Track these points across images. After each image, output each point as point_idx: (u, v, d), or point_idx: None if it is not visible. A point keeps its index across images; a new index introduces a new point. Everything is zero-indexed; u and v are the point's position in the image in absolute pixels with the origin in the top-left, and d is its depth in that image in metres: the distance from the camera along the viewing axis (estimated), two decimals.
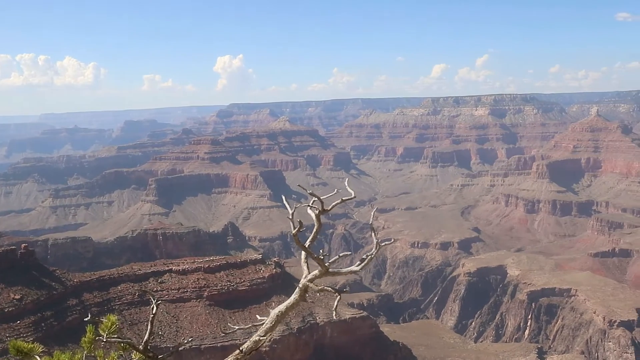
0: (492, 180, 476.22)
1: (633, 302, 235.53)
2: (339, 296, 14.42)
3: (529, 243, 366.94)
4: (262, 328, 13.71)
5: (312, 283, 13.98)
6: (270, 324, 13.64)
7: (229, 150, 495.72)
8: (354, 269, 14.41)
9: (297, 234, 14.06)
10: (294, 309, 13.76)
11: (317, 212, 14.50)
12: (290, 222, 14.20)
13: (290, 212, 14.34)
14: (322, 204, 14.61)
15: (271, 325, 13.63)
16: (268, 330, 13.61)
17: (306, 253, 14.22)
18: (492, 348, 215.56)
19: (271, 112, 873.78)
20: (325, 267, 14.08)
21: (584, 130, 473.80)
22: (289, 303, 13.85)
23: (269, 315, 13.72)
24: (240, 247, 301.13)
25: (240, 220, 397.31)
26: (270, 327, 13.65)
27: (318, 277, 14.09)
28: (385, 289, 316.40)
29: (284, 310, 13.70)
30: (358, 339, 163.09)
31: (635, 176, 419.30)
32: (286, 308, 13.74)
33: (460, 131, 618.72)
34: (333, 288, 14.26)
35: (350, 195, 15.36)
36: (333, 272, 14.27)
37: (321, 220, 14.39)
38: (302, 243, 14.03)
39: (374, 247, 14.88)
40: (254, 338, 13.49)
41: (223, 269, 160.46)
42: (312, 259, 14.15)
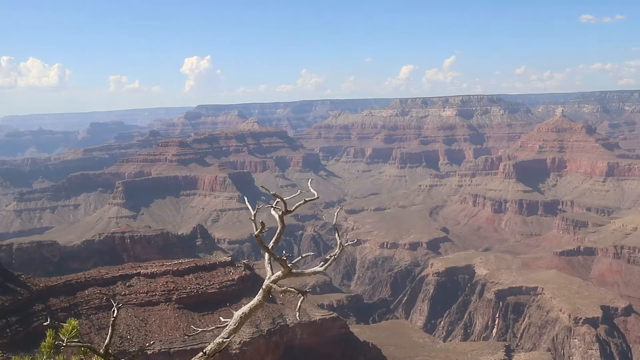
0: (460, 180, 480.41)
1: (597, 299, 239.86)
2: (302, 297, 14.44)
3: (497, 242, 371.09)
4: (226, 330, 13.68)
5: (275, 284, 13.99)
6: (234, 325, 13.60)
7: (197, 152, 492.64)
8: (318, 269, 14.47)
9: (260, 235, 14.05)
10: (257, 311, 13.75)
11: (280, 213, 14.53)
12: (253, 223, 14.19)
13: (253, 213, 14.32)
14: (285, 205, 14.64)
15: (235, 327, 13.60)
16: (231, 332, 13.58)
17: (269, 254, 14.22)
18: (461, 347, 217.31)
19: (240, 114, 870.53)
20: (288, 268, 14.11)
21: (550, 130, 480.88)
22: (252, 304, 13.84)
23: (232, 317, 13.68)
24: (209, 249, 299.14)
25: (209, 222, 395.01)
26: (233, 329, 13.61)
27: (281, 278, 14.10)
28: (354, 289, 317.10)
29: (248, 311, 13.68)
30: (328, 340, 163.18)
31: (599, 176, 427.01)
32: (249, 309, 13.73)
33: (428, 132, 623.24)
34: (296, 289, 14.29)
35: (313, 196, 15.41)
36: (296, 272, 14.30)
37: (285, 222, 14.41)
38: (265, 244, 14.04)
39: (338, 248, 14.96)
40: (217, 340, 13.46)
41: (192, 271, 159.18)
42: (275, 260, 14.16)
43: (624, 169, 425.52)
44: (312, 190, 15.60)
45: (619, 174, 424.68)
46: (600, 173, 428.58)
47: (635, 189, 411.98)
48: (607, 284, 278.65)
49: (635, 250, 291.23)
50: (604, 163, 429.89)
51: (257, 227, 14.19)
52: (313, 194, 15.48)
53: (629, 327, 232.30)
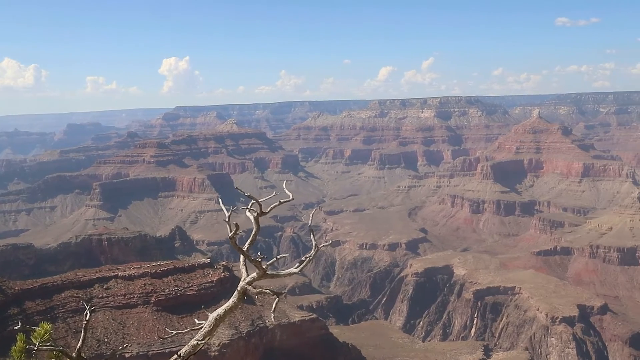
0: (438, 181, 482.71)
1: (574, 298, 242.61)
2: (277, 298, 14.39)
3: (475, 243, 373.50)
4: (201, 332, 13.59)
5: (250, 286, 13.93)
6: (209, 327, 13.53)
7: (176, 154, 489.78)
8: (293, 270, 14.45)
9: (234, 236, 13.99)
10: (232, 312, 13.68)
11: (255, 214, 14.47)
12: (227, 225, 14.12)
13: (227, 215, 14.25)
14: (261, 206, 14.59)
15: (209, 329, 13.52)
16: (206, 335, 13.49)
17: (243, 256, 14.17)
18: (440, 347, 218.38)
19: (218, 115, 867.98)
20: (262, 269, 14.06)
21: (526, 132, 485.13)
22: (227, 306, 13.77)
23: (207, 319, 13.60)
24: (188, 251, 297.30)
25: (188, 224, 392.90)
26: (208, 331, 13.54)
27: (256, 280, 14.06)
28: (334, 290, 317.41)
29: (223, 313, 13.61)
30: (307, 341, 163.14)
31: (575, 176, 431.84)
32: (224, 311, 13.66)
33: (406, 133, 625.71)
34: (272, 290, 14.24)
35: (289, 198, 15.38)
36: (271, 274, 14.26)
37: (260, 223, 14.35)
38: (240, 246, 13.97)
39: (313, 249, 14.94)
40: (192, 342, 13.37)
41: (170, 273, 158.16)
42: (250, 261, 14.11)
43: (599, 169, 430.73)
44: (287, 192, 15.60)
45: (594, 175, 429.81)
46: (576, 174, 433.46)
47: (610, 190, 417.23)
48: (584, 283, 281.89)
49: (611, 249, 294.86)
50: (579, 164, 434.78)
51: (231, 229, 14.14)
52: (288, 195, 15.44)
53: (604, 325, 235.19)
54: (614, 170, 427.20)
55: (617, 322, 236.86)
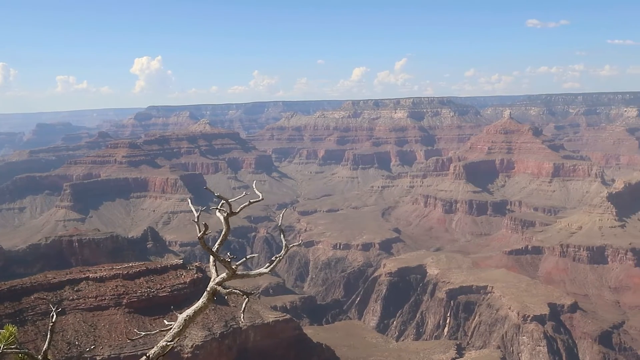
0: (411, 181, 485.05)
1: (545, 297, 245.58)
2: (247, 298, 14.29)
3: (448, 242, 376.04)
4: (170, 333, 13.45)
5: (220, 286, 13.82)
6: (178, 328, 13.39)
7: (148, 154, 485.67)
8: (263, 270, 14.36)
9: (203, 237, 13.87)
10: (202, 313, 13.55)
11: (225, 215, 14.36)
12: (196, 225, 14.01)
13: (196, 215, 14.13)
14: (231, 206, 14.48)
15: (179, 330, 13.38)
16: (176, 335, 13.35)
17: (213, 256, 14.05)
18: (413, 346, 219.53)
19: (191, 115, 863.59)
20: (232, 269, 13.95)
21: (498, 132, 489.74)
22: (196, 307, 13.64)
23: (177, 320, 13.46)
24: (161, 252, 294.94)
25: (160, 225, 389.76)
26: (177, 332, 13.39)
27: (226, 280, 13.95)
28: (308, 291, 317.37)
29: (192, 314, 13.47)
30: (281, 342, 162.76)
31: (546, 176, 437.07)
32: (194, 312, 13.53)
33: (380, 133, 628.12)
34: (241, 290, 14.13)
35: (258, 198, 15.30)
36: (241, 274, 14.16)
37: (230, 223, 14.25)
38: (210, 246, 13.85)
39: (283, 249, 14.86)
40: (161, 344, 13.22)
41: (143, 275, 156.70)
42: (219, 262, 13.99)
43: (569, 169, 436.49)
44: (257, 192, 15.49)
45: (564, 175, 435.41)
46: (546, 174, 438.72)
47: (580, 189, 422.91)
48: (554, 281, 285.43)
49: (581, 248, 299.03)
50: (550, 164, 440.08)
51: (200, 229, 14.02)
52: (258, 196, 15.35)
53: (574, 323, 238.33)
54: (584, 170, 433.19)
55: (586, 320, 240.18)
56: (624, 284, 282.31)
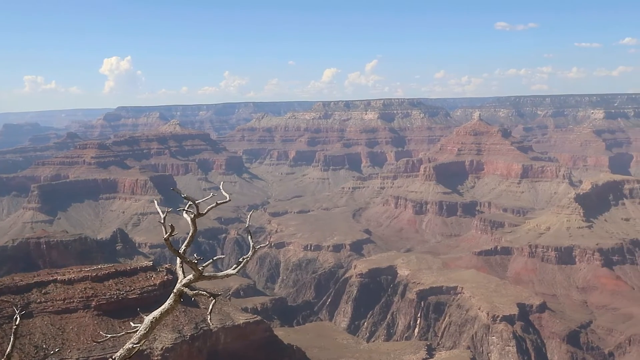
0: (382, 182, 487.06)
1: (514, 297, 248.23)
2: (214, 300, 13.84)
3: (418, 243, 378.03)
4: (136, 335, 12.99)
5: (187, 287, 13.35)
6: (144, 330, 12.94)
7: (117, 155, 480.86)
8: (231, 272, 13.96)
9: (169, 238, 13.42)
10: (169, 315, 13.08)
11: (192, 216, 13.94)
12: (162, 226, 13.57)
13: (162, 216, 13.68)
14: (197, 207, 14.07)
15: (145, 332, 12.93)
16: (142, 337, 12.90)
17: (179, 257, 13.60)
18: (384, 347, 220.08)
19: (161, 116, 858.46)
20: (198, 271, 13.55)
21: (468, 133, 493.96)
22: (163, 309, 13.21)
23: (143, 322, 12.97)
24: (130, 254, 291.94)
25: (130, 226, 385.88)
26: (144, 334, 12.94)
27: (193, 282, 13.55)
28: (279, 292, 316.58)
29: (159, 316, 13.03)
30: (252, 344, 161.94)
31: (515, 177, 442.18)
32: (160, 314, 13.09)
33: (350, 135, 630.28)
34: (208, 292, 13.68)
35: (226, 199, 14.93)
36: (209, 275, 13.75)
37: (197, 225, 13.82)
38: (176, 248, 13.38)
39: (250, 250, 14.47)
40: (127, 346, 12.76)
41: (112, 277, 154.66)
42: (186, 263, 13.56)
43: (537, 171, 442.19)
44: (224, 193, 15.10)
45: (532, 176, 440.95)
46: (515, 175, 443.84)
47: (548, 190, 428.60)
48: (523, 282, 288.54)
49: (549, 249, 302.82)
50: (518, 165, 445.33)
51: (166, 231, 13.60)
52: (225, 197, 14.95)
53: (543, 323, 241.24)
54: (552, 171, 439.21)
55: (555, 320, 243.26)
56: (591, 284, 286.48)
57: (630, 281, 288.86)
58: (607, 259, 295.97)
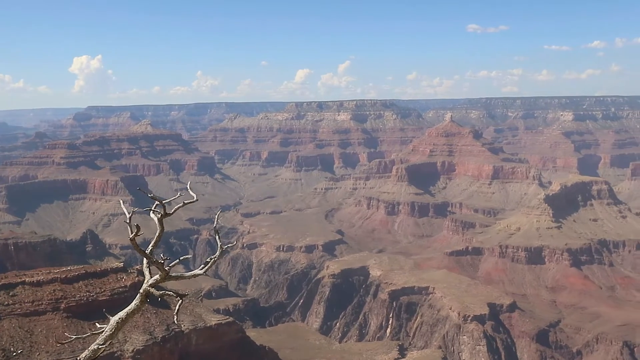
0: (354, 183, 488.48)
1: (485, 297, 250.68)
2: (180, 300, 13.83)
3: (390, 244, 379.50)
4: (102, 336, 12.91)
5: (153, 288, 13.32)
6: (110, 331, 12.87)
7: (88, 155, 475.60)
8: (198, 272, 13.96)
9: (135, 238, 13.38)
10: (135, 315, 13.04)
11: (159, 216, 13.91)
12: (128, 226, 13.52)
13: (128, 216, 13.64)
14: (164, 207, 14.05)
15: (111, 333, 12.87)
16: (108, 338, 12.84)
17: (145, 258, 13.56)
18: (356, 347, 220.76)
19: (132, 116, 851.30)
20: (165, 271, 13.53)
21: (439, 135, 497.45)
22: (129, 309, 13.16)
23: (109, 323, 12.91)
24: (100, 255, 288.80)
25: (100, 227, 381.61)
26: (110, 335, 12.88)
27: (159, 282, 13.52)
28: (251, 293, 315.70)
29: (125, 317, 12.98)
30: (224, 345, 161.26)
31: (486, 178, 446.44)
32: (126, 315, 13.03)
33: (323, 135, 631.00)
34: (175, 292, 13.67)
35: (193, 199, 14.92)
36: (175, 276, 13.73)
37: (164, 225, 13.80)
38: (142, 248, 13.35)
39: (218, 250, 14.49)
40: (92, 347, 12.69)
41: (82, 278, 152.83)
42: (152, 263, 13.53)
43: (508, 172, 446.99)
44: (192, 193, 15.10)
45: (503, 177, 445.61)
46: (486, 176, 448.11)
47: (518, 191, 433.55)
48: (493, 282, 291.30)
49: (519, 249, 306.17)
50: (489, 166, 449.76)
51: (132, 231, 13.55)
52: (192, 197, 14.96)
53: (513, 322, 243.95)
54: (522, 172, 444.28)
55: (524, 319, 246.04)
56: (560, 283, 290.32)
57: (598, 281, 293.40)
58: (575, 259, 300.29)
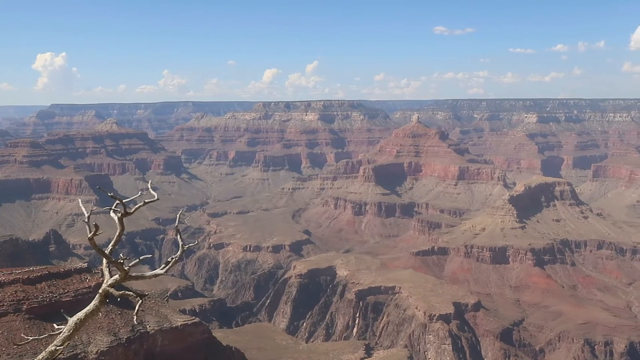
0: (321, 183, 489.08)
1: (450, 296, 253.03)
2: (140, 300, 13.73)
3: (357, 244, 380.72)
4: (59, 337, 12.75)
5: (112, 288, 13.21)
6: (68, 332, 12.72)
7: (51, 154, 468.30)
8: (159, 272, 13.86)
9: (93, 237, 13.25)
10: (94, 316, 12.90)
11: (119, 215, 13.80)
12: (86, 225, 13.39)
13: (87, 215, 13.50)
14: (125, 207, 13.93)
15: (69, 334, 12.71)
16: (66, 339, 12.68)
17: (104, 257, 13.44)
18: (323, 347, 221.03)
19: (97, 114, 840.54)
20: (124, 271, 13.41)
21: (406, 136, 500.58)
22: (88, 310, 13.02)
23: (67, 324, 12.76)
24: (64, 255, 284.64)
25: (64, 227, 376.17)
26: (68, 336, 12.72)
27: (119, 282, 13.40)
28: (217, 293, 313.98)
29: (83, 317, 12.84)
30: (190, 346, 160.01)
31: (452, 179, 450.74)
32: (85, 315, 12.89)
33: (291, 136, 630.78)
34: (134, 292, 13.57)
35: (153, 198, 14.84)
36: (136, 275, 13.61)
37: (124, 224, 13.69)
38: (101, 248, 13.23)
39: (179, 250, 14.43)
40: (50, 348, 12.52)
41: (44, 279, 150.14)
42: (111, 263, 13.41)
43: (474, 172, 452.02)
44: (152, 192, 15.03)
45: (469, 178, 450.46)
46: (452, 177, 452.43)
47: (483, 192, 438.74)
48: (459, 281, 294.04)
49: (484, 249, 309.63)
50: (455, 167, 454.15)
51: (90, 230, 13.41)
52: (153, 196, 14.89)
53: (477, 321, 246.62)
54: (487, 173, 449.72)
55: (489, 318, 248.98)
56: (524, 282, 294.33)
57: (560, 280, 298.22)
58: (538, 258, 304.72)
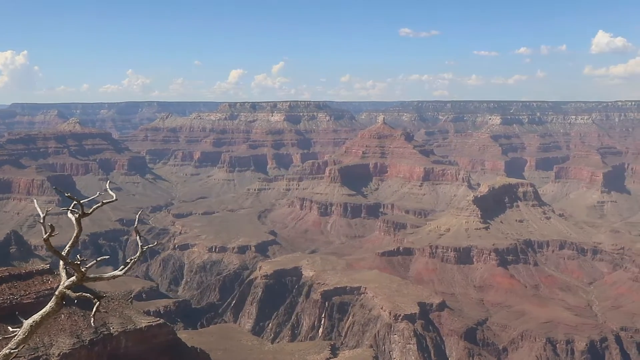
0: (287, 184, 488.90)
1: (415, 296, 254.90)
2: (97, 302, 13.54)
3: (323, 244, 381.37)
4: (14, 340, 12.51)
5: (69, 290, 13.01)
6: (24, 335, 12.48)
7: (12, 154, 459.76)
8: (117, 273, 13.69)
9: (49, 238, 13.05)
10: (50, 318, 12.68)
11: (77, 216, 13.60)
12: (42, 226, 13.18)
13: (42, 216, 13.29)
14: (82, 207, 13.73)
15: (24, 337, 12.47)
16: (21, 342, 12.44)
17: (60, 259, 13.24)
18: (289, 347, 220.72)
19: (60, 114, 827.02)
20: (81, 272, 13.20)
21: (372, 137, 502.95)
22: (44, 312, 12.79)
23: (22, 326, 12.53)
24: (25, 257, 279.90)
25: (25, 228, 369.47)
26: (23, 339, 12.48)
27: (76, 284, 13.19)
28: (182, 294, 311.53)
29: (39, 320, 12.61)
30: (154, 348, 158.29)
31: (417, 180, 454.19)
32: (41, 317, 12.66)
33: (257, 136, 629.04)
34: (92, 293, 13.40)
35: (112, 198, 14.67)
36: (93, 277, 13.45)
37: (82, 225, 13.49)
38: (59, 249, 13.03)
39: (138, 251, 14.28)
40: (4, 351, 12.27)
41: (5, 281, 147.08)
42: (67, 264, 13.20)
43: (438, 174, 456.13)
44: (110, 192, 14.86)
45: (434, 179, 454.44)
46: (417, 178, 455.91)
47: (448, 193, 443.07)
48: (424, 281, 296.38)
49: (448, 249, 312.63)
50: (420, 168, 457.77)
51: (46, 231, 13.20)
52: (112, 196, 14.71)
53: (442, 321, 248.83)
54: (452, 174, 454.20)
55: (453, 318, 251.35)
56: (488, 282, 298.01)
57: (523, 279, 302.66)
58: (502, 258, 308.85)
